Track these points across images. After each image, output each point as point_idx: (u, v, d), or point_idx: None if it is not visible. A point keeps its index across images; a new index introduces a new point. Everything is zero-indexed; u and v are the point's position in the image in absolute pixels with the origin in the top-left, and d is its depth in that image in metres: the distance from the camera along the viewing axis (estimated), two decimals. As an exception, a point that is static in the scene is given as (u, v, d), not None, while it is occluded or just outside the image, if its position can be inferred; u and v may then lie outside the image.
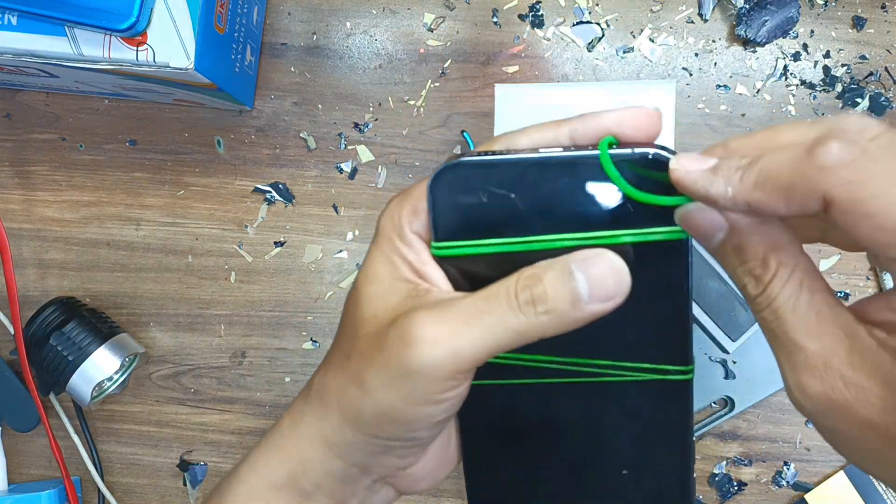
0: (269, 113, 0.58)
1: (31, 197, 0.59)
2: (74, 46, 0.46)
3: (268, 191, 0.58)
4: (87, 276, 0.59)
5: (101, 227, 0.59)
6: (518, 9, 0.57)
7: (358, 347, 0.27)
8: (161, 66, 0.46)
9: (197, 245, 0.59)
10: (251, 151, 0.59)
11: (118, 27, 0.44)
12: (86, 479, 0.59)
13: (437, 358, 0.24)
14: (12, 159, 0.59)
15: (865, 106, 0.56)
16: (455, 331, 0.25)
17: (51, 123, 0.59)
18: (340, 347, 0.29)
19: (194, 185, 0.59)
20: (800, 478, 0.56)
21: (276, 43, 0.58)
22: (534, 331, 0.25)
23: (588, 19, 0.57)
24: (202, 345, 0.59)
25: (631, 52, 0.57)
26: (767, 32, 0.56)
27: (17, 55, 0.46)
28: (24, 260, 0.59)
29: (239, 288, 0.59)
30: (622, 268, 0.25)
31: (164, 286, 0.59)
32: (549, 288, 0.24)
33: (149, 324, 0.59)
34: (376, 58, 0.58)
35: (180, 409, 0.59)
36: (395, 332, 0.25)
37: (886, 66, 0.57)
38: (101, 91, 0.57)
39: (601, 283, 0.24)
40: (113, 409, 0.59)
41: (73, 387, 0.54)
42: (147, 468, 0.59)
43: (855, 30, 0.57)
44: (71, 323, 0.54)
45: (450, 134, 0.58)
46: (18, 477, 0.59)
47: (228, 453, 0.59)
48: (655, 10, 0.57)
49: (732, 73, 0.57)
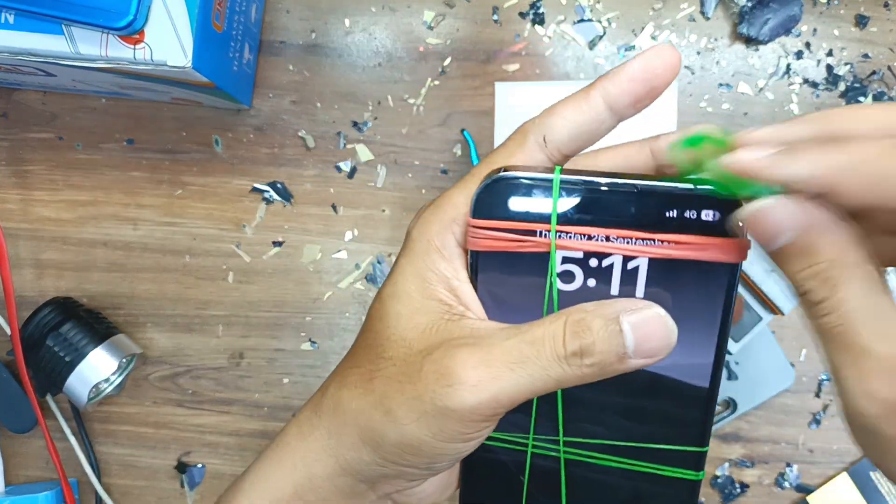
0: (268, 112, 0.58)
1: (28, 196, 0.59)
2: (71, 45, 0.45)
3: (266, 190, 0.58)
4: (85, 276, 0.59)
5: (98, 226, 0.59)
6: (519, 6, 0.57)
7: (384, 371, 0.26)
8: (158, 65, 0.45)
9: (195, 245, 0.59)
10: (249, 151, 0.58)
11: (115, 25, 0.43)
12: (83, 480, 0.59)
13: (478, 402, 0.24)
14: (9, 158, 0.59)
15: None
16: (497, 376, 0.24)
17: (48, 122, 0.59)
18: (360, 365, 0.28)
19: (192, 185, 0.58)
20: (802, 479, 0.56)
21: (275, 41, 0.58)
22: (575, 381, 0.24)
23: (589, 17, 0.57)
24: (200, 346, 0.58)
25: (632, 50, 0.57)
26: (770, 30, 0.55)
27: (14, 54, 0.46)
28: (21, 260, 0.59)
29: (237, 288, 0.58)
30: (670, 325, 0.24)
31: (161, 286, 0.59)
32: (598, 340, 0.24)
33: (146, 324, 0.59)
34: (375, 56, 0.58)
35: (178, 411, 0.59)
36: (432, 367, 0.25)
37: (889, 64, 0.56)
38: (99, 90, 0.56)
39: (649, 339, 0.24)
40: (110, 411, 0.59)
41: (70, 388, 0.54)
42: (144, 470, 0.59)
43: (858, 28, 0.56)
44: (68, 324, 0.54)
45: (450, 133, 0.57)
46: (15, 479, 0.59)
47: (226, 455, 0.58)
48: (657, 7, 0.57)
49: (735, 71, 0.57)
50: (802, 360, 0.57)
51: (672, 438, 0.26)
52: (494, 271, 0.26)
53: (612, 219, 0.24)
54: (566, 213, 0.24)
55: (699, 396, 0.26)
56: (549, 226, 0.25)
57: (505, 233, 0.25)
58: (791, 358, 0.56)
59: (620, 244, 0.24)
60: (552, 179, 0.25)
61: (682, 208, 0.24)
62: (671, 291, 0.25)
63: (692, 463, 0.27)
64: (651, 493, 0.27)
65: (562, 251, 0.25)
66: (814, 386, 0.57)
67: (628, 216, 0.24)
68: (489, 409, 0.24)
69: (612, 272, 0.25)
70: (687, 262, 0.24)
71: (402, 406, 0.25)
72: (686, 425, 0.26)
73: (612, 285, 0.25)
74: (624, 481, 0.27)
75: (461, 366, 0.24)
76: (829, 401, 0.57)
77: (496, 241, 0.25)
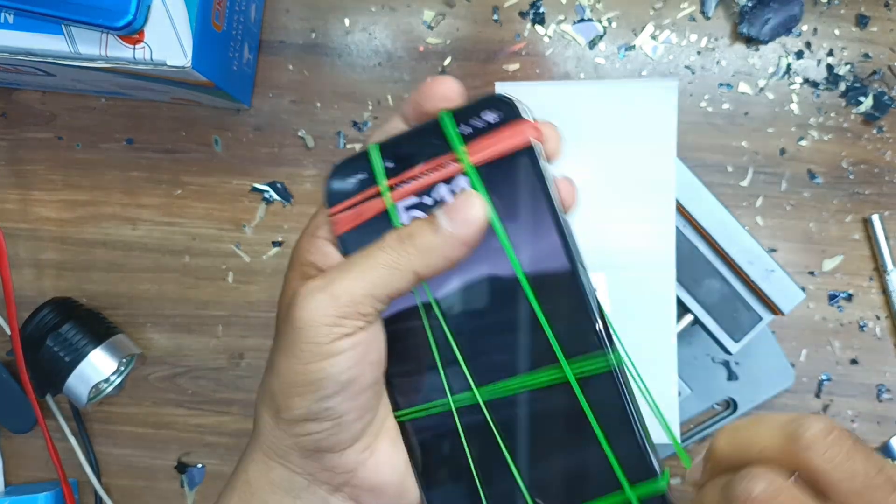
0: (267, 111, 0.58)
1: (28, 196, 0.59)
2: (71, 45, 0.45)
3: (266, 190, 0.58)
4: (84, 276, 0.59)
5: (97, 226, 0.59)
6: (519, 6, 0.57)
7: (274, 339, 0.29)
8: (158, 65, 0.45)
9: (194, 245, 0.58)
10: (249, 150, 0.58)
11: (115, 25, 0.43)
12: (83, 481, 0.59)
13: (316, 304, 0.26)
14: (8, 158, 0.59)
15: (869, 105, 0.56)
16: (330, 280, 0.26)
17: (47, 122, 0.59)
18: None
19: (191, 185, 0.58)
20: (803, 479, 0.56)
21: (275, 41, 0.58)
22: (404, 263, 0.26)
23: (589, 17, 0.57)
24: (199, 346, 0.58)
25: (633, 50, 0.57)
26: (770, 30, 0.55)
27: (13, 53, 0.46)
28: (21, 260, 0.59)
29: (237, 288, 0.58)
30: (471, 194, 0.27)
31: (161, 287, 0.58)
32: (414, 227, 0.27)
33: (146, 325, 0.59)
34: (375, 55, 0.58)
35: (178, 411, 0.58)
36: (287, 304, 0.27)
37: (890, 64, 0.56)
38: (98, 90, 0.56)
39: (457, 210, 0.27)
40: (110, 411, 0.59)
41: (70, 388, 0.54)
42: (144, 470, 0.59)
43: (858, 28, 0.56)
44: (67, 324, 0.54)
45: (450, 133, 0.57)
46: (15, 479, 0.59)
47: (226, 455, 0.58)
48: (657, 7, 0.57)
49: (735, 71, 0.57)
50: (802, 360, 0.57)
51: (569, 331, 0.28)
52: (360, 242, 0.28)
53: (426, 156, 0.28)
54: (390, 169, 0.29)
55: (567, 277, 0.28)
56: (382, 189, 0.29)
57: (354, 208, 0.29)
58: (791, 358, 0.56)
59: (439, 173, 0.28)
60: (368, 150, 0.29)
61: (468, 121, 0.28)
62: (495, 196, 0.28)
63: (595, 343, 0.27)
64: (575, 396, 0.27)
65: (400, 202, 0.28)
66: (814, 386, 0.57)
67: (436, 148, 0.28)
68: (331, 307, 0.26)
69: (444, 201, 0.28)
70: (497, 166, 0.28)
71: (276, 354, 0.27)
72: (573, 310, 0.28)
73: None
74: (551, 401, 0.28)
75: (302, 287, 0.27)
76: (830, 401, 0.57)
77: (351, 218, 0.29)
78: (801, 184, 0.57)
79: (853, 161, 0.57)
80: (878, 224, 0.56)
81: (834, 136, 0.56)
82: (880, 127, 0.56)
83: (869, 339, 0.57)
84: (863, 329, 0.57)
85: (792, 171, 0.57)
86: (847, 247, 0.57)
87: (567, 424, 0.28)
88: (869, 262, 0.56)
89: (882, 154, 0.56)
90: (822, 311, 0.57)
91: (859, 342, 0.57)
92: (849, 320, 0.57)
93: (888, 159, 0.56)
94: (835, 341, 0.57)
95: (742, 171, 0.57)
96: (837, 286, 0.57)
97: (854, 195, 0.57)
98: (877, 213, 0.56)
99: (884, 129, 0.56)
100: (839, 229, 0.57)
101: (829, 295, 0.57)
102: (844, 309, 0.57)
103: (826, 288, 0.57)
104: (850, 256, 0.56)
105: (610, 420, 0.27)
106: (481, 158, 0.28)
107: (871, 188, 0.57)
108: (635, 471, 0.27)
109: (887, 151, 0.56)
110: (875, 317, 0.57)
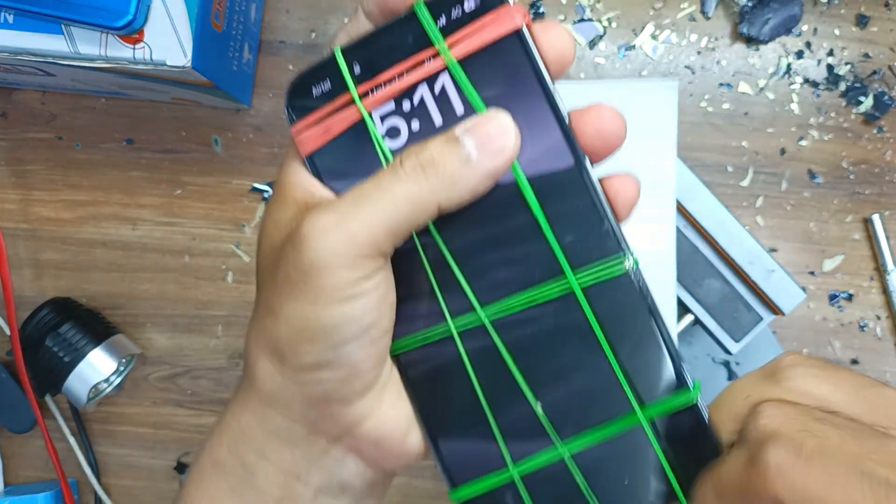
0: (267, 111, 0.58)
1: (28, 196, 0.59)
2: (71, 44, 0.45)
3: (265, 190, 0.58)
4: (84, 276, 0.59)
5: (97, 226, 0.59)
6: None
7: (261, 280, 0.26)
8: (158, 65, 0.45)
9: (194, 245, 0.58)
10: (249, 150, 0.58)
11: (115, 25, 0.43)
12: (82, 481, 0.58)
13: (332, 246, 0.23)
14: (8, 158, 0.59)
15: (869, 104, 0.56)
16: (343, 215, 0.23)
17: (47, 122, 0.59)
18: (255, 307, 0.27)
19: (191, 185, 0.58)
20: (803, 480, 0.56)
21: (275, 41, 0.58)
22: (427, 196, 0.23)
23: (589, 17, 0.57)
24: (199, 346, 0.58)
25: (633, 50, 0.57)
26: (770, 30, 0.55)
27: (13, 53, 0.46)
28: (20, 260, 0.59)
29: (236, 288, 0.58)
30: (503, 118, 0.24)
31: (160, 287, 0.58)
32: (436, 152, 0.23)
33: (145, 325, 0.58)
34: (376, 56, 0.58)
35: (177, 411, 0.58)
36: (289, 243, 0.24)
37: (890, 64, 0.56)
38: (98, 90, 0.56)
39: (490, 139, 0.23)
40: (109, 411, 0.59)
41: (70, 388, 0.54)
42: (144, 470, 0.59)
43: (858, 28, 0.56)
44: (67, 324, 0.54)
45: (450, 133, 0.57)
46: (14, 479, 0.59)
47: (226, 455, 0.58)
48: (657, 7, 0.57)
49: (735, 71, 0.57)
50: (803, 360, 0.56)
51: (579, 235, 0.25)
52: (334, 162, 0.25)
53: (400, 56, 0.25)
54: (360, 75, 0.25)
55: (574, 176, 0.25)
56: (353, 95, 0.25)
57: (322, 122, 0.25)
58: (791, 358, 0.56)
59: (417, 72, 0.25)
60: (334, 54, 0.25)
61: (445, 11, 0.24)
62: (484, 90, 0.25)
63: (610, 246, 0.25)
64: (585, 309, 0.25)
65: (375, 110, 0.25)
66: (814, 386, 0.56)
67: (411, 45, 0.25)
68: (350, 248, 0.23)
69: (426, 104, 0.25)
70: (484, 58, 0.24)
71: (279, 296, 0.24)
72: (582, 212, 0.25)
73: (433, 118, 0.25)
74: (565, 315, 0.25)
75: (308, 224, 0.23)
76: (830, 401, 0.56)
77: (319, 134, 0.25)
78: (802, 184, 0.57)
79: (853, 161, 0.57)
80: (879, 224, 0.56)
81: (834, 135, 0.56)
82: (880, 127, 0.56)
83: (869, 340, 0.57)
84: (863, 329, 0.57)
85: (792, 171, 0.57)
86: (847, 247, 0.57)
87: (583, 338, 0.25)
88: (869, 262, 0.56)
89: (882, 154, 0.56)
90: (823, 312, 0.57)
91: (860, 342, 0.57)
92: (849, 320, 0.57)
93: (888, 159, 0.56)
94: (835, 341, 0.57)
95: (742, 171, 0.57)
96: (838, 286, 0.57)
97: (854, 195, 0.57)
98: (877, 213, 0.56)
99: (884, 129, 0.56)
100: (839, 229, 0.57)
101: (829, 295, 0.57)
102: (845, 309, 0.57)
103: (826, 288, 0.57)
104: (850, 256, 0.56)
105: (631, 328, 0.25)
106: (465, 51, 0.24)
107: (871, 188, 0.56)
108: (663, 382, 0.24)
109: (887, 151, 0.56)
110: (875, 317, 0.57)
